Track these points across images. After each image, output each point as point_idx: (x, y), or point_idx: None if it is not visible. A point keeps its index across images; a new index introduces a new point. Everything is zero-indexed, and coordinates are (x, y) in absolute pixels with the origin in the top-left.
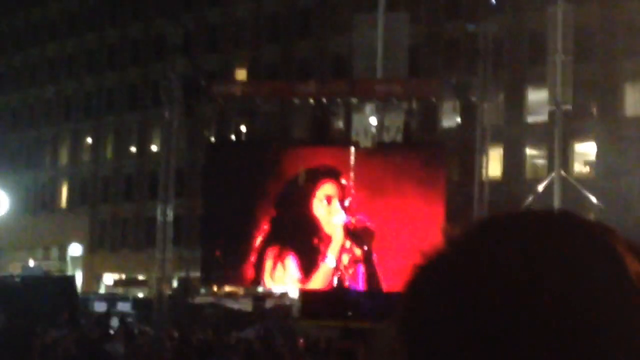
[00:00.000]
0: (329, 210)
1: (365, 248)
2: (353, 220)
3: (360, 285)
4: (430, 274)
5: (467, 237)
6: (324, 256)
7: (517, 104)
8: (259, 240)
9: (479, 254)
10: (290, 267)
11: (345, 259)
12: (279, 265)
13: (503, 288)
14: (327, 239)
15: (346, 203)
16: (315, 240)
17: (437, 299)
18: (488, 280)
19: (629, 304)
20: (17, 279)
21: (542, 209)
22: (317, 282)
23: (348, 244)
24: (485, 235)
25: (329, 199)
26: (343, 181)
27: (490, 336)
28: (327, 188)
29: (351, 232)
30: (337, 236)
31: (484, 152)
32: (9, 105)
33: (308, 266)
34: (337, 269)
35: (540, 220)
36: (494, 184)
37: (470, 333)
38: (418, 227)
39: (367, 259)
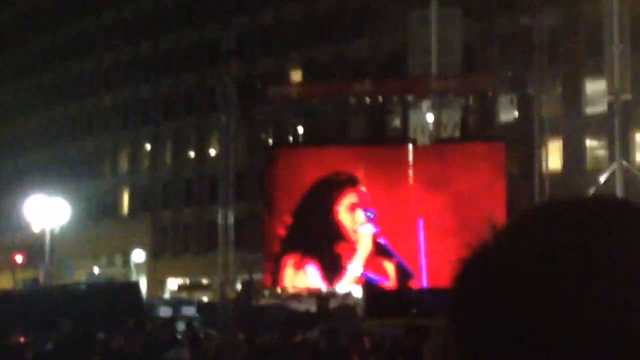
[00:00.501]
0: (353, 219)
1: (396, 259)
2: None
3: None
4: (478, 266)
5: (513, 227)
6: (348, 264)
7: (574, 95)
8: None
9: (527, 242)
10: (312, 275)
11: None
12: (300, 273)
13: (553, 278)
14: (352, 248)
15: (369, 213)
16: (340, 249)
17: (484, 290)
18: (536, 270)
19: None
20: (83, 287)
21: (591, 195)
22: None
23: (376, 252)
24: (532, 224)
25: (352, 208)
26: (363, 189)
27: (539, 327)
28: (351, 197)
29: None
30: (364, 245)
31: (543, 145)
32: (68, 116)
33: (331, 275)
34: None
35: (589, 207)
36: (555, 177)
37: (518, 324)
38: (479, 224)
39: (398, 267)
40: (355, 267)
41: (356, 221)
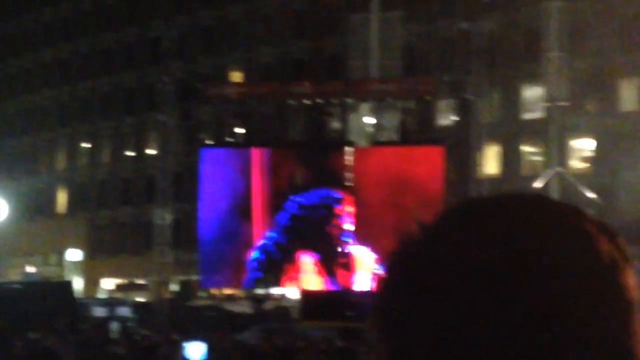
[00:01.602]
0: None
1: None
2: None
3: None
4: (402, 261)
5: (438, 222)
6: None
7: (512, 101)
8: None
9: (450, 238)
10: (316, 277)
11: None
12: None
13: (475, 272)
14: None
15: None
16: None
17: (407, 286)
18: (460, 264)
19: (597, 281)
20: (15, 285)
21: (513, 192)
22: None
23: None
24: (456, 219)
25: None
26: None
27: (461, 321)
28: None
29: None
30: (365, 258)
31: (480, 149)
32: (5, 112)
33: (333, 280)
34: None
35: (511, 202)
36: (491, 181)
37: (440, 319)
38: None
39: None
40: (359, 277)
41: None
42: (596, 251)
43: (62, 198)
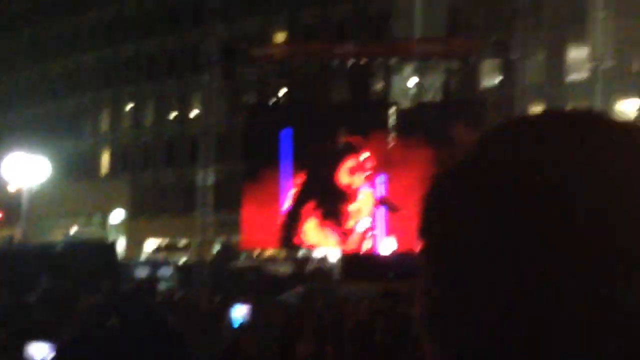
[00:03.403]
0: (353, 181)
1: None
2: (381, 191)
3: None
4: (449, 180)
5: (486, 140)
6: (354, 222)
7: (557, 61)
8: (289, 203)
9: (510, 152)
10: (326, 231)
11: (374, 225)
12: (317, 228)
13: (527, 189)
14: (356, 208)
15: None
16: (344, 208)
17: (455, 203)
18: (511, 181)
19: None
20: (59, 246)
21: (567, 109)
22: (350, 247)
23: (377, 211)
24: (508, 137)
25: (352, 171)
26: (362, 157)
27: (512, 237)
28: (350, 162)
29: (382, 201)
30: (366, 204)
31: (524, 110)
32: (49, 74)
33: (340, 231)
34: (365, 234)
35: (566, 120)
36: None
37: (492, 237)
38: None
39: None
40: (360, 225)
41: (355, 182)
42: None
43: (105, 159)
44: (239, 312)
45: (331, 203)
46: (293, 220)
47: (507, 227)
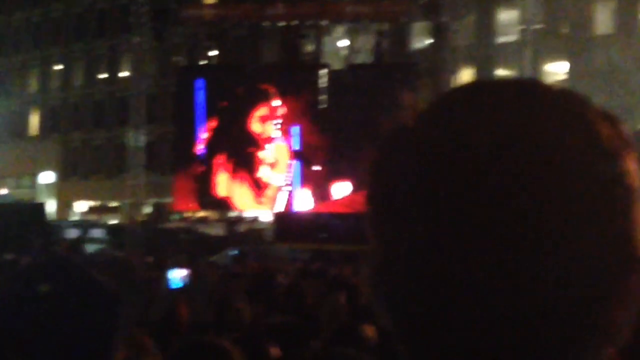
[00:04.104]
0: (265, 130)
1: (314, 168)
2: (297, 144)
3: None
4: (394, 144)
5: (429, 109)
6: (267, 173)
7: (487, 24)
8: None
9: (441, 121)
10: (242, 187)
11: (290, 179)
12: (230, 181)
13: (467, 155)
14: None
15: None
16: (255, 155)
17: (394, 171)
18: (452, 147)
19: (597, 167)
20: None
21: (508, 78)
22: (267, 201)
23: (293, 164)
24: (448, 105)
25: (264, 120)
26: (274, 103)
27: (452, 203)
28: (262, 110)
29: (298, 154)
30: (282, 157)
31: (455, 73)
32: None
33: (257, 186)
34: (280, 188)
35: (506, 87)
36: None
37: (433, 201)
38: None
39: (315, 178)
40: (276, 179)
41: (267, 131)
42: (596, 137)
43: (34, 120)
44: (177, 275)
45: (242, 152)
46: (206, 173)
47: (435, 192)
